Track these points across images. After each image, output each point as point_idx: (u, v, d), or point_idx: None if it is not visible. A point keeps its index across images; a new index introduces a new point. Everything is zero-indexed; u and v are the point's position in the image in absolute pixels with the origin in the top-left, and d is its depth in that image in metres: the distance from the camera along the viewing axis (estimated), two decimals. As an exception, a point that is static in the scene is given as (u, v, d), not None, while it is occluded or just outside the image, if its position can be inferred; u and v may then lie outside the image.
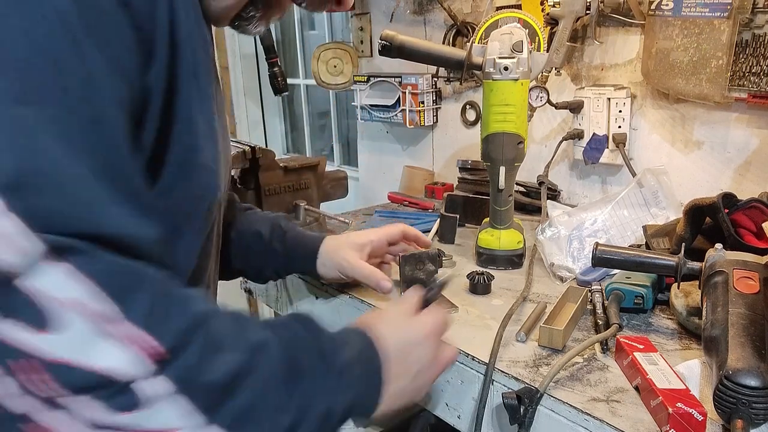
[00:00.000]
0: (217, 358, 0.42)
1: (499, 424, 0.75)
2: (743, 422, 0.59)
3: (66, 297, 0.37)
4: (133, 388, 0.38)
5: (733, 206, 0.93)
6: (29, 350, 0.36)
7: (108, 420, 0.38)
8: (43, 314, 0.37)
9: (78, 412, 0.38)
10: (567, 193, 1.54)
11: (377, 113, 1.88)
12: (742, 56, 1.11)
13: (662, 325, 0.87)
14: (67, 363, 0.37)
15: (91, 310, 0.38)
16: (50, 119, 0.39)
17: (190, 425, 0.40)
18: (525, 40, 1.01)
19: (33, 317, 0.36)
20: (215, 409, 0.41)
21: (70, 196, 0.39)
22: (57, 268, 0.37)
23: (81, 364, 0.37)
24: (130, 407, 0.38)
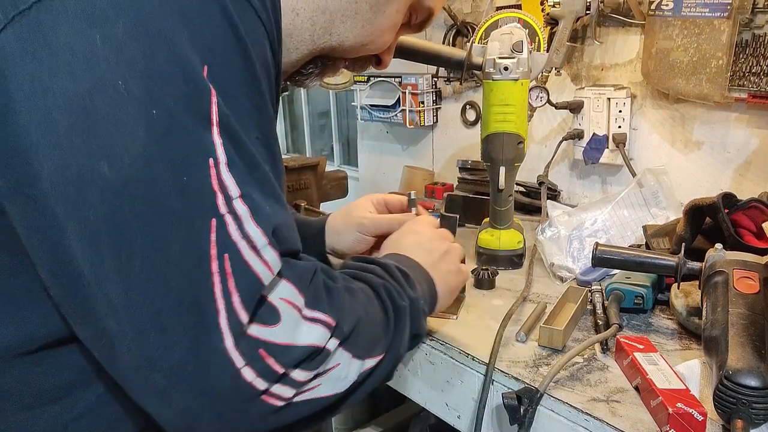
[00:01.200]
0: (351, 315, 0.57)
1: (499, 424, 0.75)
2: (743, 422, 0.59)
3: (282, 297, 0.51)
4: (322, 351, 0.54)
5: (733, 206, 0.93)
6: (268, 340, 0.50)
7: (309, 376, 0.53)
8: (273, 313, 0.50)
9: (294, 378, 0.52)
10: (567, 193, 1.54)
11: (377, 113, 1.88)
12: (742, 56, 1.11)
13: (662, 325, 0.87)
14: (287, 345, 0.51)
15: (293, 304, 0.52)
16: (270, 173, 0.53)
17: (344, 360, 0.56)
18: (525, 40, 1.01)
19: (267, 317, 0.50)
20: (354, 347, 0.57)
21: (292, 229, 0.54)
22: (278, 278, 0.51)
23: (296, 344, 0.51)
24: (321, 363, 0.54)
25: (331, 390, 0.56)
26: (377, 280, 0.66)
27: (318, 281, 0.56)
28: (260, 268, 0.49)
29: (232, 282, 0.48)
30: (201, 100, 0.47)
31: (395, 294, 0.66)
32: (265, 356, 0.49)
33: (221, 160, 0.47)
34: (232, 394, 0.49)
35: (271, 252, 0.50)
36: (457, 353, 0.81)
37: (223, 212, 0.47)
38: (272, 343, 0.50)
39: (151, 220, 0.46)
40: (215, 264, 0.47)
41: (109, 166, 0.45)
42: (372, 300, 0.64)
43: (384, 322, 0.63)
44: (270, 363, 0.50)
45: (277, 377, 0.51)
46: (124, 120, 0.45)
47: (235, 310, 0.48)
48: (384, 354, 0.62)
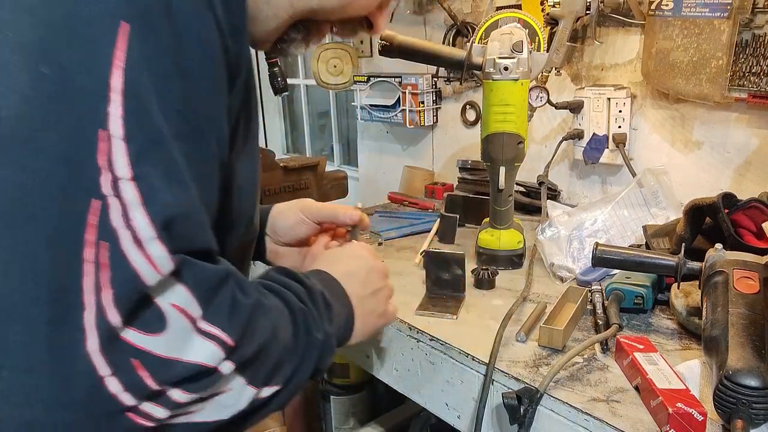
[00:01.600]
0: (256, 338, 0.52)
1: (499, 424, 0.75)
2: (743, 422, 0.59)
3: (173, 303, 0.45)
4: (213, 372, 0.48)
5: (733, 206, 0.93)
6: (145, 349, 0.44)
7: (190, 398, 0.47)
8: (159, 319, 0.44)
9: (171, 398, 0.46)
10: (567, 193, 1.54)
11: (377, 113, 1.88)
12: (742, 56, 1.11)
13: (662, 325, 0.87)
14: (168, 359, 0.45)
15: (186, 313, 0.46)
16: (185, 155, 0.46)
17: (237, 386, 0.51)
18: (525, 40, 1.01)
19: (151, 323, 0.44)
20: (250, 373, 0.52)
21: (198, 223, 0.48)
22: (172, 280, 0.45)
23: (180, 359, 0.45)
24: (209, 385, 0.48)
25: (213, 416, 0.50)
26: (297, 304, 0.60)
27: (225, 291, 0.50)
28: (141, 264, 0.43)
29: (107, 275, 0.42)
30: (101, 64, 0.42)
31: (312, 324, 0.60)
32: (138, 367, 0.43)
33: (116, 133, 0.42)
34: (89, 407, 0.42)
35: (159, 247, 0.43)
36: (457, 353, 0.81)
37: (106, 193, 0.42)
38: (150, 354, 0.44)
39: (20, 187, 0.40)
40: (89, 251, 0.41)
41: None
42: (286, 323, 0.58)
43: (292, 349, 0.58)
44: (143, 376, 0.43)
45: (150, 394, 0.44)
46: (11, 70, 0.40)
47: (103, 309, 0.42)
48: (283, 385, 0.56)
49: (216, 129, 0.51)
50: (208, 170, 0.51)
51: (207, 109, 0.49)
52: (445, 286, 0.98)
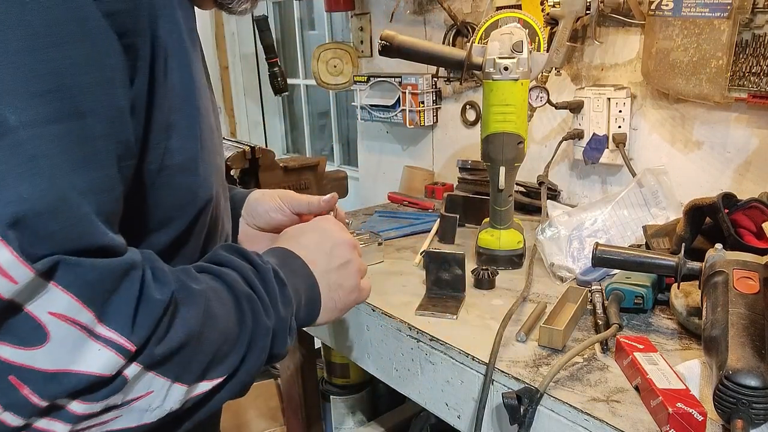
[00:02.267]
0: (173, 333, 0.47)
1: (499, 424, 0.75)
2: (743, 422, 0.59)
3: (52, 311, 0.40)
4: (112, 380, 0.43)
5: (733, 206, 0.93)
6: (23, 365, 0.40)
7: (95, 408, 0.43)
8: (37, 331, 0.40)
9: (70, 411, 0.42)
10: (567, 193, 1.54)
11: (377, 113, 1.88)
12: (742, 56, 1.11)
13: (662, 325, 0.87)
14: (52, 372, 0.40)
15: (72, 320, 0.41)
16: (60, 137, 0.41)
17: (159, 387, 0.46)
18: (525, 40, 1.01)
19: (28, 336, 0.40)
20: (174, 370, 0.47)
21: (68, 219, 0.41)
22: (48, 286, 0.40)
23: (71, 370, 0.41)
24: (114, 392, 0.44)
25: (135, 422, 0.46)
26: (242, 288, 0.56)
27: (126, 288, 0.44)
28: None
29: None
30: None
31: (260, 309, 0.56)
32: (17, 385, 0.40)
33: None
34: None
35: (6, 252, 0.38)
36: (457, 353, 0.81)
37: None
38: (29, 369, 0.40)
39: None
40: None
41: None
42: (226, 310, 0.53)
43: (235, 339, 0.53)
44: (25, 394, 0.40)
45: (38, 411, 0.41)
46: None
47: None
48: (226, 376, 0.53)
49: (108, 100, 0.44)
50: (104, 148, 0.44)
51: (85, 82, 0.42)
52: (445, 286, 0.98)
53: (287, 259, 0.64)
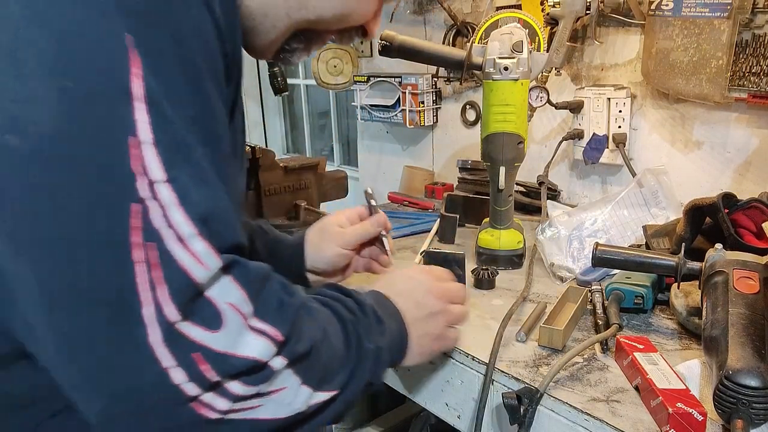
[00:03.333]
0: (305, 336, 0.54)
1: (499, 424, 0.75)
2: (743, 422, 0.59)
3: (228, 301, 0.48)
4: (264, 367, 0.50)
5: (733, 206, 0.93)
6: (205, 345, 0.46)
7: (249, 392, 0.49)
8: (216, 317, 0.47)
9: (231, 390, 0.48)
10: (567, 193, 1.54)
11: (377, 113, 1.88)
12: (742, 56, 1.11)
13: (662, 325, 0.87)
14: (224, 353, 0.47)
15: (239, 310, 0.48)
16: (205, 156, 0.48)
17: (291, 385, 0.52)
18: (525, 40, 1.01)
19: (210, 320, 0.46)
20: (304, 372, 0.53)
21: (229, 220, 0.50)
22: (226, 279, 0.48)
23: (235, 354, 0.47)
24: (264, 380, 0.50)
25: (273, 414, 0.52)
26: (347, 314, 0.62)
27: (271, 289, 0.52)
28: (188, 260, 0.45)
29: (159, 273, 0.44)
30: (123, 72, 0.43)
31: (363, 333, 0.61)
32: (199, 361, 0.46)
33: (145, 139, 0.43)
34: (155, 395, 0.45)
35: (202, 243, 0.46)
36: (457, 353, 0.81)
37: (144, 197, 0.43)
38: (210, 349, 0.46)
39: (62, 200, 0.42)
40: (138, 252, 0.43)
41: (18, 136, 0.41)
42: (336, 330, 0.59)
43: (344, 357, 0.59)
44: (204, 369, 0.46)
45: (210, 385, 0.47)
46: (35, 87, 0.41)
47: (160, 304, 0.44)
48: (339, 391, 0.57)
49: (222, 131, 0.53)
50: (224, 171, 0.52)
51: (214, 111, 0.51)
52: None
53: (382, 301, 0.69)
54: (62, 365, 0.45)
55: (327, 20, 0.65)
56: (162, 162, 0.44)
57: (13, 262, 0.43)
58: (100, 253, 0.43)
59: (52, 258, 0.43)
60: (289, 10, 0.62)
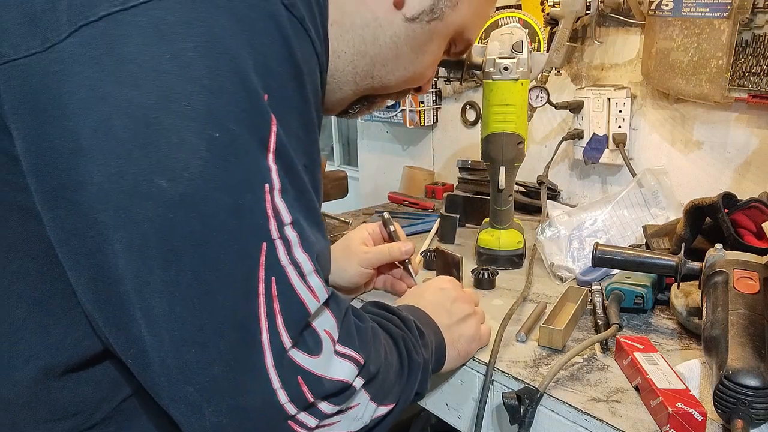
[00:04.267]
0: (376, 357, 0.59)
1: (499, 424, 0.75)
2: (743, 422, 0.59)
3: (325, 329, 0.53)
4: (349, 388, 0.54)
5: (733, 206, 0.93)
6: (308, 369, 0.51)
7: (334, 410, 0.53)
8: (318, 344, 0.52)
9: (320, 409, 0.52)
10: (567, 193, 1.54)
11: (377, 113, 1.88)
12: (742, 56, 1.11)
13: (662, 325, 0.87)
14: (321, 377, 0.52)
15: (331, 337, 0.53)
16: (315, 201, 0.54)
17: (363, 401, 0.57)
18: (525, 40, 1.01)
19: (313, 347, 0.51)
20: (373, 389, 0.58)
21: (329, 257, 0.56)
22: (325, 309, 0.53)
23: (328, 377, 0.52)
24: (347, 399, 0.55)
25: (346, 428, 0.56)
26: (397, 331, 0.66)
27: (350, 317, 0.57)
28: (306, 294, 0.50)
29: (277, 305, 0.48)
30: (261, 126, 0.47)
31: (412, 348, 0.66)
32: (301, 383, 0.50)
33: (276, 186, 0.48)
34: (263, 414, 0.49)
35: (317, 279, 0.51)
36: (457, 353, 0.81)
37: (275, 237, 0.48)
38: (310, 372, 0.51)
39: (204, 238, 0.46)
40: (262, 286, 0.48)
41: (167, 180, 0.44)
42: (391, 348, 0.64)
43: (399, 372, 0.63)
44: (304, 391, 0.50)
45: (307, 405, 0.51)
46: (187, 136, 0.45)
47: (278, 331, 0.49)
48: (395, 404, 0.62)
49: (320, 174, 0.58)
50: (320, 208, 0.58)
51: (318, 155, 0.56)
52: None
53: (419, 315, 0.74)
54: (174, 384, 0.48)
55: (391, 87, 0.69)
56: (287, 207, 0.49)
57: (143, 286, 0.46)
58: (233, 284, 0.47)
59: (188, 285, 0.46)
60: (355, 76, 0.65)
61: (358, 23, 0.62)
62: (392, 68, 0.66)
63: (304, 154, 0.52)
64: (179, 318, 0.46)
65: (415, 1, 0.62)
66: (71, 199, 0.45)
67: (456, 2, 0.65)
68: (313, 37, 0.52)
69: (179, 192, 0.45)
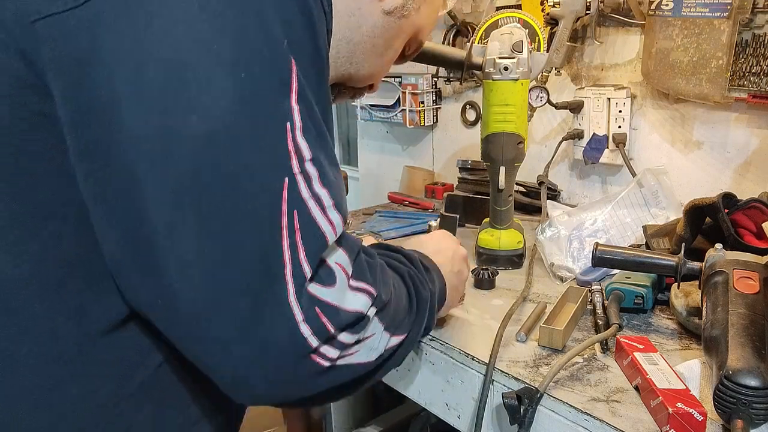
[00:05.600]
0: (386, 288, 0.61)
1: (499, 424, 0.75)
2: (743, 422, 0.59)
3: (338, 262, 0.54)
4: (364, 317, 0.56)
5: (733, 206, 0.93)
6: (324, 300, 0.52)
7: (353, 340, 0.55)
8: (331, 275, 0.53)
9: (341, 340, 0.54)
10: (567, 193, 1.54)
11: (377, 113, 1.88)
12: (742, 56, 1.11)
13: (662, 325, 0.87)
14: (337, 307, 0.53)
15: (345, 271, 0.55)
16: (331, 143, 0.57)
17: (378, 331, 0.59)
18: (525, 40, 1.01)
19: (327, 278, 0.53)
20: (386, 319, 0.60)
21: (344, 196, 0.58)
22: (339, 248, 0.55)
23: (344, 308, 0.54)
24: (363, 328, 0.57)
25: (365, 358, 0.59)
26: (403, 268, 0.69)
27: (361, 255, 0.59)
28: (326, 226, 0.52)
29: (299, 237, 0.50)
30: (283, 69, 0.50)
31: (419, 283, 0.69)
32: (320, 315, 0.52)
33: (297, 125, 0.51)
34: (288, 347, 0.50)
35: (336, 213, 0.53)
36: (457, 353, 0.81)
37: (296, 172, 0.50)
38: (327, 303, 0.52)
39: (231, 175, 0.48)
40: (285, 219, 0.50)
41: (198, 118, 0.47)
42: (399, 282, 0.67)
43: (408, 305, 0.66)
44: (324, 322, 0.52)
45: (328, 337, 0.52)
46: (215, 78, 0.47)
47: (300, 264, 0.50)
48: (406, 335, 0.65)
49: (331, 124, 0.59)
50: None
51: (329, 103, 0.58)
52: None
53: (422, 255, 0.77)
54: (203, 322, 0.49)
55: (360, 77, 0.73)
56: (309, 144, 0.51)
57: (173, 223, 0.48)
58: (258, 218, 0.49)
59: (217, 222, 0.48)
60: (336, 60, 0.68)
61: (344, 11, 0.66)
62: (367, 57, 0.70)
63: (321, 101, 0.55)
64: (209, 254, 0.48)
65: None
66: (107, 149, 0.47)
67: (419, 6, 0.71)
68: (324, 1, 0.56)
69: (208, 129, 0.47)
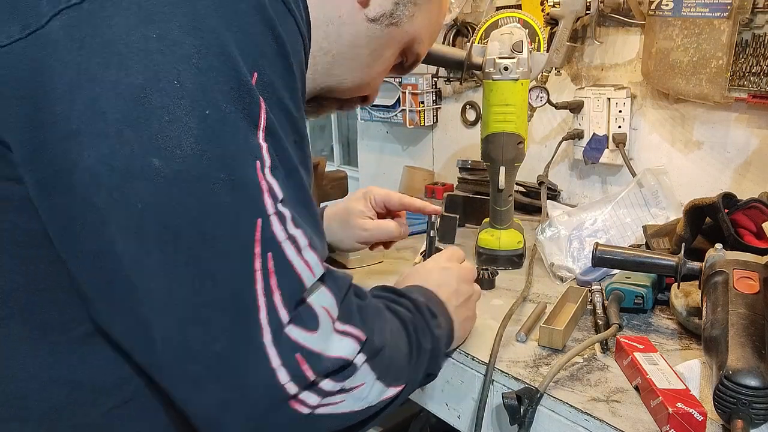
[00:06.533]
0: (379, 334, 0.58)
1: (499, 424, 0.75)
2: (743, 422, 0.59)
3: (323, 305, 0.52)
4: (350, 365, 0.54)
5: (733, 206, 0.93)
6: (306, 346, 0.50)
7: (336, 388, 0.53)
8: (314, 319, 0.51)
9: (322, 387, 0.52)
10: (567, 193, 1.54)
11: (377, 113, 1.88)
12: (742, 56, 1.11)
13: (662, 325, 0.87)
14: (320, 354, 0.51)
15: (330, 314, 0.52)
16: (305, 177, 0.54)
17: (369, 380, 0.56)
18: (525, 40, 1.01)
19: (309, 322, 0.50)
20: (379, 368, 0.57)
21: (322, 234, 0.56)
22: (321, 286, 0.52)
23: (327, 355, 0.51)
24: (348, 377, 0.54)
25: (352, 407, 0.56)
26: (406, 314, 0.66)
27: (351, 296, 0.57)
28: (302, 268, 0.50)
29: (274, 280, 0.48)
30: (250, 104, 0.47)
31: (420, 333, 0.66)
32: (300, 361, 0.50)
33: (266, 164, 0.48)
34: (263, 393, 0.49)
35: (312, 254, 0.51)
36: (457, 353, 0.81)
37: (270, 212, 0.48)
38: (308, 350, 0.50)
39: (199, 215, 0.46)
40: (258, 262, 0.47)
41: (160, 159, 0.44)
42: (400, 331, 0.64)
43: (408, 355, 0.63)
44: (304, 369, 0.50)
45: (308, 384, 0.51)
46: (178, 114, 0.45)
47: (276, 308, 0.48)
48: (403, 386, 0.62)
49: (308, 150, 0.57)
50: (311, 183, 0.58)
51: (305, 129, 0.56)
52: None
53: (429, 296, 0.74)
54: (177, 362, 0.48)
55: (345, 89, 0.70)
56: (279, 183, 0.49)
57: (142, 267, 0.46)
58: (228, 260, 0.47)
59: (186, 266, 0.46)
60: (315, 73, 0.65)
61: (322, 19, 0.63)
62: (349, 68, 0.67)
63: (293, 130, 0.52)
64: (180, 297, 0.46)
65: (377, 2, 0.65)
66: (67, 184, 0.45)
67: (413, 13, 0.68)
68: (297, 17, 0.53)
69: (173, 170, 0.44)
